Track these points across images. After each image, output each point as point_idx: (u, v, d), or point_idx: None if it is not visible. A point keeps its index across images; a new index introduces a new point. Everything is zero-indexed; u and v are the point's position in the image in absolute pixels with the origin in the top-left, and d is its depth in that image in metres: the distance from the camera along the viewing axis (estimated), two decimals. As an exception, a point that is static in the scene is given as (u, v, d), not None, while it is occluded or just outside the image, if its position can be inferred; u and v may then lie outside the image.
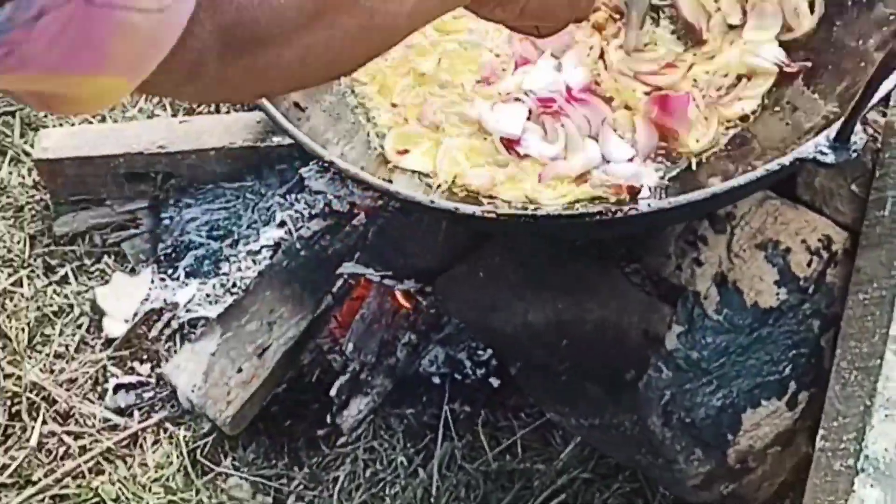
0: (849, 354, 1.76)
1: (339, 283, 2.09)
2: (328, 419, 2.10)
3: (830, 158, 1.45)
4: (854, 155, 1.44)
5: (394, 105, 1.86)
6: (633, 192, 1.69)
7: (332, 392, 2.07)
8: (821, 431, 1.74)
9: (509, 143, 1.77)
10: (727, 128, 1.77)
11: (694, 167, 1.73)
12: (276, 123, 1.63)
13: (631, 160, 1.75)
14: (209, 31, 0.81)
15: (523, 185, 1.74)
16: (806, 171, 1.89)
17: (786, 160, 1.47)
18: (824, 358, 1.82)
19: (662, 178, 1.73)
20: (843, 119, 1.42)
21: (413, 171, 1.77)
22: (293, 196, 2.30)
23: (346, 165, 1.56)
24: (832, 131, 1.44)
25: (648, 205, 1.52)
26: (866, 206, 1.87)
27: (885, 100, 1.90)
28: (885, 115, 1.92)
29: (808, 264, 1.82)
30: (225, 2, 0.82)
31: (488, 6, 1.31)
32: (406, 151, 1.80)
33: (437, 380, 2.12)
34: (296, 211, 2.28)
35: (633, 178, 1.71)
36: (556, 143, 1.77)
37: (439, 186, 1.74)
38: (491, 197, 1.73)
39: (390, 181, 1.66)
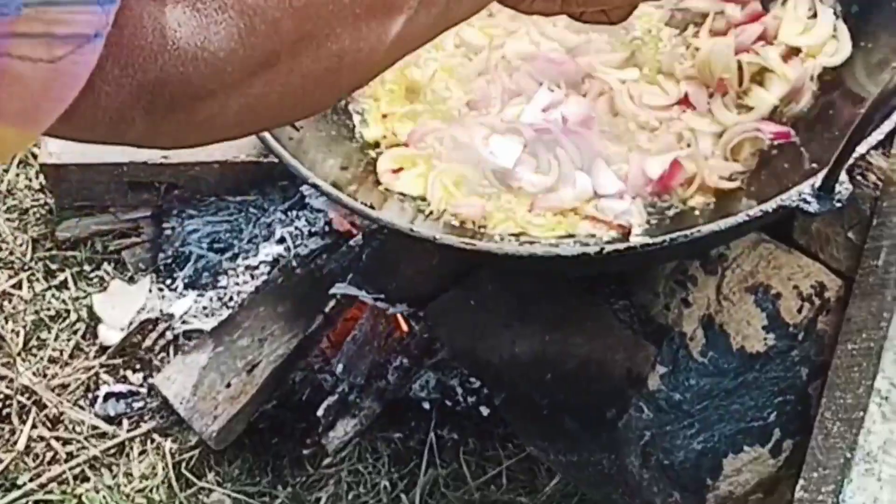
0: (833, 405, 1.74)
1: (332, 303, 2.09)
2: (314, 439, 2.09)
3: (814, 207, 1.43)
4: (838, 205, 1.42)
5: (384, 116, 1.85)
6: (625, 231, 1.68)
7: (320, 412, 2.06)
8: (800, 481, 1.72)
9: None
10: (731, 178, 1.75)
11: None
12: (264, 143, 1.63)
13: (622, 197, 1.73)
14: (128, 91, 0.75)
15: (515, 215, 1.73)
16: (802, 217, 1.87)
17: (769, 207, 1.46)
18: (811, 406, 1.80)
19: (652, 217, 1.71)
20: (827, 169, 1.40)
21: (405, 195, 1.77)
22: (294, 213, 2.30)
23: (328, 188, 1.56)
24: (817, 180, 1.42)
25: (632, 245, 1.50)
26: (861, 255, 1.85)
27: (889, 144, 1.89)
28: (888, 160, 1.90)
29: (799, 311, 1.80)
30: (147, 60, 0.75)
31: (525, 2, 1.18)
32: (400, 170, 1.79)
33: (426, 405, 2.12)
34: (296, 228, 2.28)
35: (622, 215, 1.70)
36: (549, 174, 1.76)
37: (431, 213, 1.74)
38: (482, 227, 1.72)
39: (374, 206, 1.64)
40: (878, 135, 1.47)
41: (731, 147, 1.77)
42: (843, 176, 1.41)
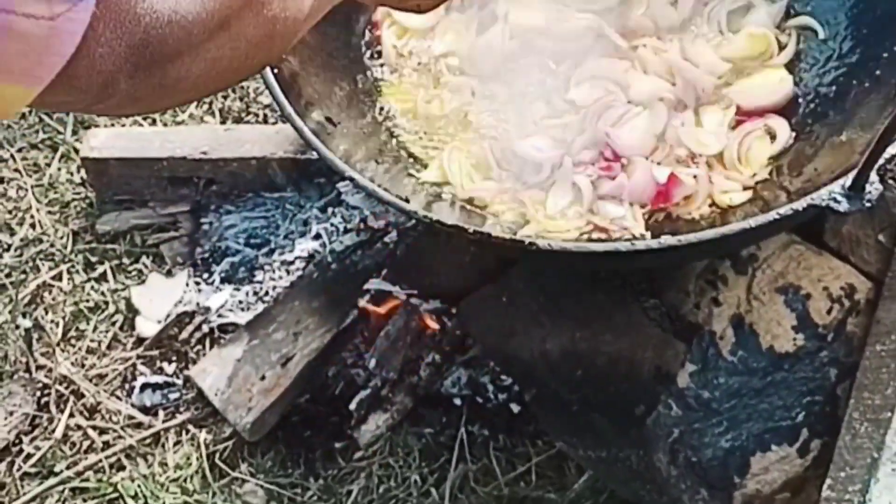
0: (861, 405, 1.75)
1: (366, 298, 2.11)
2: (346, 432, 2.12)
3: (844, 206, 1.44)
4: (868, 205, 1.43)
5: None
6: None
7: (352, 406, 2.09)
8: (828, 481, 1.73)
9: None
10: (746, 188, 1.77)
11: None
12: (303, 138, 1.65)
13: (620, 201, 1.76)
14: (118, 52, 0.82)
15: (535, 218, 1.77)
16: (833, 218, 1.88)
17: (798, 206, 1.47)
18: (839, 407, 1.81)
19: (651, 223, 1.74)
20: (857, 168, 1.41)
21: (432, 184, 1.81)
22: (330, 210, 2.33)
23: (364, 182, 1.58)
24: (847, 179, 1.44)
25: (659, 242, 1.51)
26: (892, 257, 1.86)
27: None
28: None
29: (829, 312, 1.81)
30: (133, 22, 0.82)
31: None
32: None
33: (457, 401, 2.14)
34: (331, 224, 2.31)
35: (618, 220, 1.73)
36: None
37: (454, 197, 1.77)
38: (493, 215, 1.76)
39: (408, 200, 1.67)
40: (908, 136, 1.48)
41: (741, 154, 1.79)
42: (874, 176, 1.42)
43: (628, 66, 1.87)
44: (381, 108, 1.92)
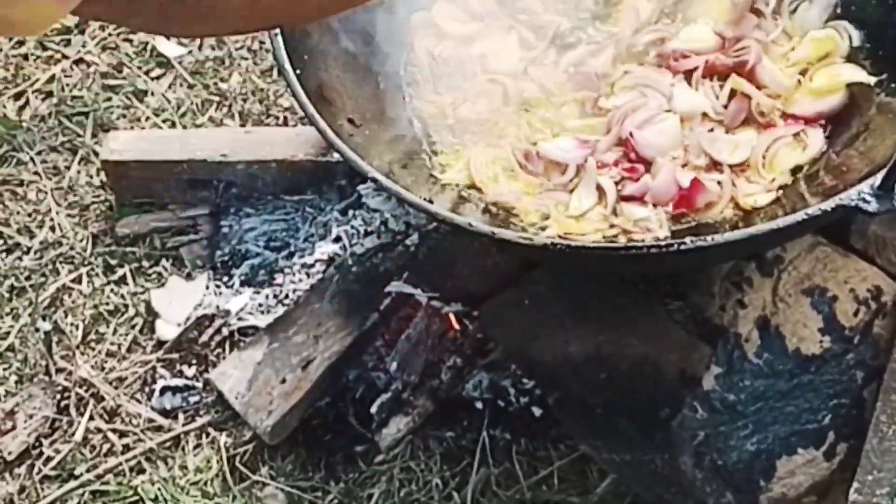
0: (889, 408, 1.74)
1: (387, 301, 2.10)
2: (367, 436, 2.11)
3: (873, 207, 1.43)
4: (898, 205, 1.42)
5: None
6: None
7: (373, 409, 2.08)
8: (855, 484, 1.72)
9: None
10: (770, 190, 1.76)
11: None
12: (326, 139, 1.64)
13: (643, 202, 1.75)
14: None
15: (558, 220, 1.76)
16: (859, 219, 1.86)
17: (827, 206, 1.45)
18: (866, 410, 1.79)
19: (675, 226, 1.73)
20: (888, 167, 1.40)
21: (456, 186, 1.80)
22: (351, 212, 2.32)
23: (388, 183, 1.57)
24: (877, 179, 1.42)
25: (686, 243, 1.49)
26: (919, 259, 1.85)
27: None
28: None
29: (855, 314, 1.80)
30: None
31: None
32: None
33: (479, 404, 2.12)
34: (352, 227, 2.30)
35: (641, 222, 1.72)
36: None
37: (479, 199, 1.77)
38: (512, 209, 1.77)
39: (431, 201, 1.66)
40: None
41: (765, 159, 1.78)
42: (903, 176, 1.41)
43: (677, 79, 1.86)
44: (407, 110, 1.91)
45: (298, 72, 1.72)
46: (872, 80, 1.79)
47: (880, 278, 1.84)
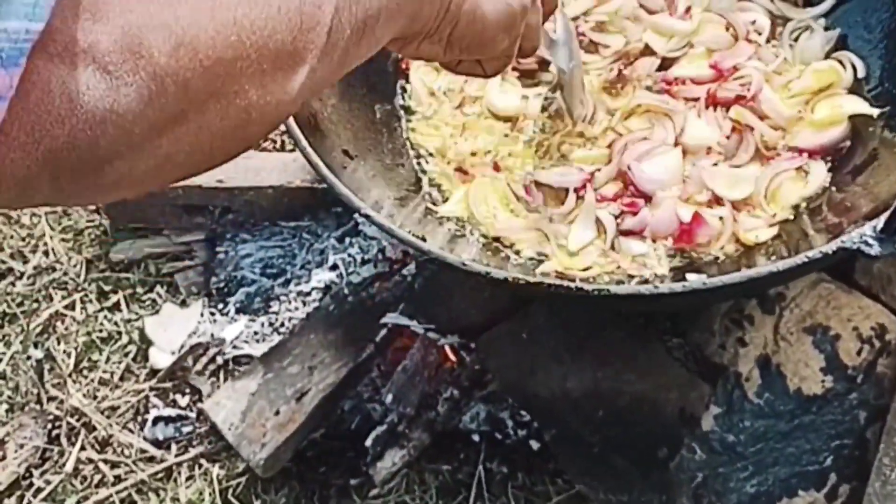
0: (892, 450, 1.71)
1: (383, 332, 2.07)
2: (362, 469, 2.07)
3: (875, 250, 1.39)
4: (901, 248, 1.39)
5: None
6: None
7: (368, 442, 2.05)
8: (857, 528, 1.69)
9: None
10: (772, 225, 1.73)
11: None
12: (317, 172, 1.61)
13: (643, 237, 1.73)
14: (34, 157, 0.73)
15: (555, 255, 1.73)
16: (863, 258, 1.83)
17: (829, 248, 1.42)
18: (869, 451, 1.76)
19: (673, 262, 1.69)
20: (890, 211, 1.37)
21: (450, 219, 1.77)
22: (348, 240, 2.30)
23: (381, 219, 1.54)
24: (879, 221, 1.39)
25: (680, 286, 1.46)
26: (924, 297, 1.82)
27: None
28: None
29: (858, 353, 1.77)
30: (54, 125, 0.73)
31: (412, 45, 1.21)
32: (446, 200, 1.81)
33: (475, 437, 2.09)
34: (349, 255, 2.27)
35: (639, 258, 1.69)
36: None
37: (477, 234, 1.75)
38: (511, 245, 1.74)
39: (424, 238, 1.63)
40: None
41: (767, 192, 1.75)
42: (906, 219, 1.38)
43: (689, 107, 1.84)
44: (405, 142, 1.89)
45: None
46: (875, 111, 1.76)
47: (884, 316, 1.80)
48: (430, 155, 1.89)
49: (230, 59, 0.82)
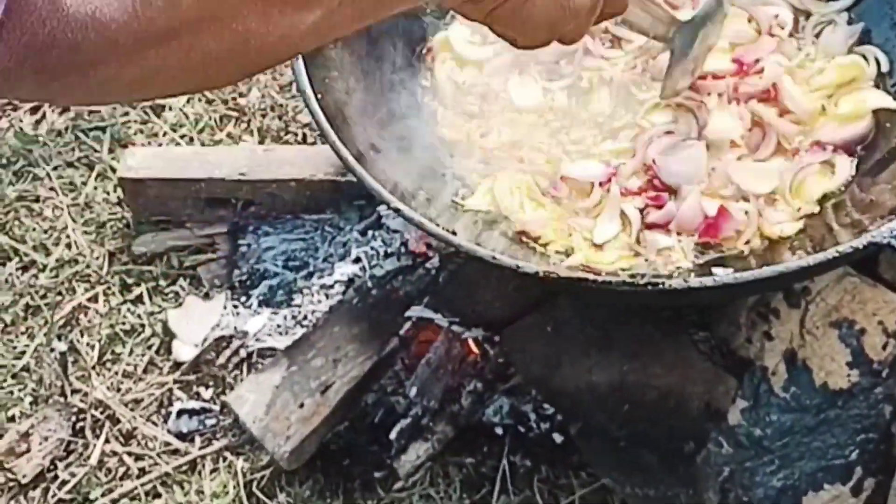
0: (918, 444, 1.72)
1: (408, 325, 2.08)
2: (386, 462, 2.08)
3: (907, 246, 1.41)
4: (936, 245, 1.40)
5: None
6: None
7: (392, 435, 2.05)
8: (883, 521, 1.70)
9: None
10: (797, 219, 1.73)
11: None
12: (346, 166, 1.62)
13: (668, 231, 1.73)
14: (15, 51, 0.76)
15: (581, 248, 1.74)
16: (892, 253, 1.83)
17: (859, 243, 1.43)
18: (894, 445, 1.77)
19: (699, 258, 1.70)
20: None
21: (477, 212, 1.78)
22: (371, 233, 2.30)
23: (411, 213, 1.55)
24: (911, 217, 1.40)
25: (710, 280, 1.47)
26: (951, 290, 1.82)
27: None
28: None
29: (884, 347, 1.77)
30: (35, 24, 0.76)
31: (455, 1, 1.19)
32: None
33: (499, 430, 2.10)
34: (372, 248, 2.27)
35: (665, 251, 1.70)
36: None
37: (504, 227, 1.76)
38: (538, 239, 1.75)
39: (455, 232, 1.64)
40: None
41: (793, 186, 1.75)
42: (939, 215, 1.39)
43: (713, 101, 1.84)
44: (430, 135, 1.89)
45: (320, 95, 1.70)
46: None
47: (910, 310, 1.81)
48: (455, 148, 1.90)
49: None
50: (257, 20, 0.85)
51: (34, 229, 2.45)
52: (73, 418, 2.20)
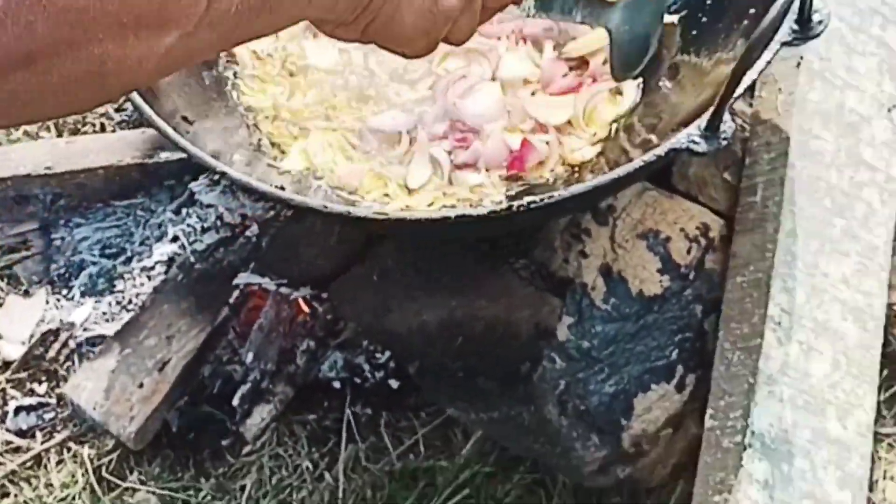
0: (731, 336, 1.84)
1: (236, 294, 2.12)
2: (232, 429, 2.12)
3: (703, 147, 1.51)
4: (724, 143, 1.51)
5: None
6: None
7: (234, 401, 2.10)
8: (709, 411, 1.82)
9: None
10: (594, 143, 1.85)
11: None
12: (167, 137, 1.65)
13: (477, 168, 1.83)
14: None
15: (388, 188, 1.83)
16: (680, 163, 1.96)
17: (661, 151, 1.53)
18: (708, 341, 1.89)
19: (510, 190, 1.80)
20: (712, 109, 1.48)
21: (293, 172, 1.84)
22: (185, 211, 2.32)
23: (238, 175, 1.59)
24: (703, 121, 1.51)
25: (530, 202, 1.55)
26: (738, 193, 1.95)
27: (751, 91, 2.00)
28: (751, 105, 2.01)
29: (688, 251, 1.90)
30: None
31: (327, 28, 1.24)
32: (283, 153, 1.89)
33: (337, 384, 2.16)
34: (188, 225, 2.29)
35: (477, 188, 1.80)
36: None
37: (321, 183, 1.82)
38: (353, 193, 1.82)
39: (283, 187, 1.69)
40: (753, 73, 1.56)
41: (586, 113, 1.87)
42: (726, 115, 1.50)
43: (503, 44, 1.93)
44: (238, 104, 1.93)
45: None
46: (675, 18, 1.89)
47: (706, 215, 1.94)
48: (263, 114, 1.95)
49: (80, 8, 0.83)
50: (114, 43, 0.86)
51: None
52: (-90, 429, 2.17)
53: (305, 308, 2.13)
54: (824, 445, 1.78)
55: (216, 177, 2.17)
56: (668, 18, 1.91)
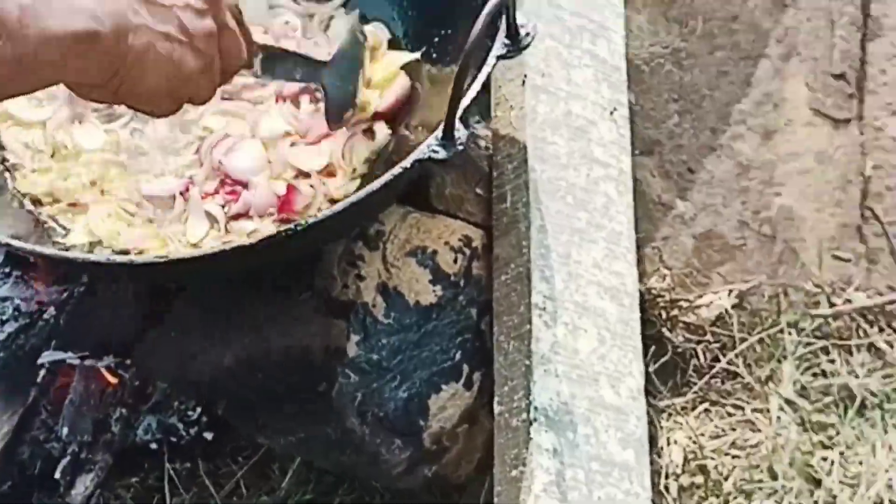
0: (504, 328, 2.00)
1: (42, 373, 2.20)
2: (57, 502, 2.18)
3: (442, 154, 1.67)
4: (461, 147, 1.67)
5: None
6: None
7: (57, 475, 2.16)
8: (496, 398, 1.96)
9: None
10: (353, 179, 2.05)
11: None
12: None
13: (249, 216, 2.02)
14: None
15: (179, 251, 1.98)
16: (436, 184, 2.13)
17: (406, 163, 1.69)
18: (487, 340, 2.05)
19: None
20: (444, 121, 1.66)
21: (79, 246, 1.97)
22: (-19, 310, 2.38)
23: (22, 244, 1.71)
24: (439, 132, 1.68)
25: (296, 225, 1.70)
26: (491, 203, 2.14)
27: (487, 112, 2.21)
28: (487, 127, 2.21)
29: (455, 261, 2.05)
30: None
31: (83, 89, 1.41)
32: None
33: (154, 445, 2.24)
34: (-15, 323, 2.35)
35: (253, 233, 1.98)
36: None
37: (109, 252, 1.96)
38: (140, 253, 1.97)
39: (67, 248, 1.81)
40: (477, 85, 1.76)
41: (344, 154, 2.07)
42: (458, 124, 1.68)
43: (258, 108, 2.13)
44: (15, 193, 2.05)
45: None
46: (417, 55, 2.10)
47: (467, 228, 2.10)
48: (43, 199, 2.06)
49: None
50: None
51: None
52: None
53: (112, 378, 2.21)
54: (602, 412, 1.94)
55: (7, 269, 2.25)
56: (410, 56, 2.11)
